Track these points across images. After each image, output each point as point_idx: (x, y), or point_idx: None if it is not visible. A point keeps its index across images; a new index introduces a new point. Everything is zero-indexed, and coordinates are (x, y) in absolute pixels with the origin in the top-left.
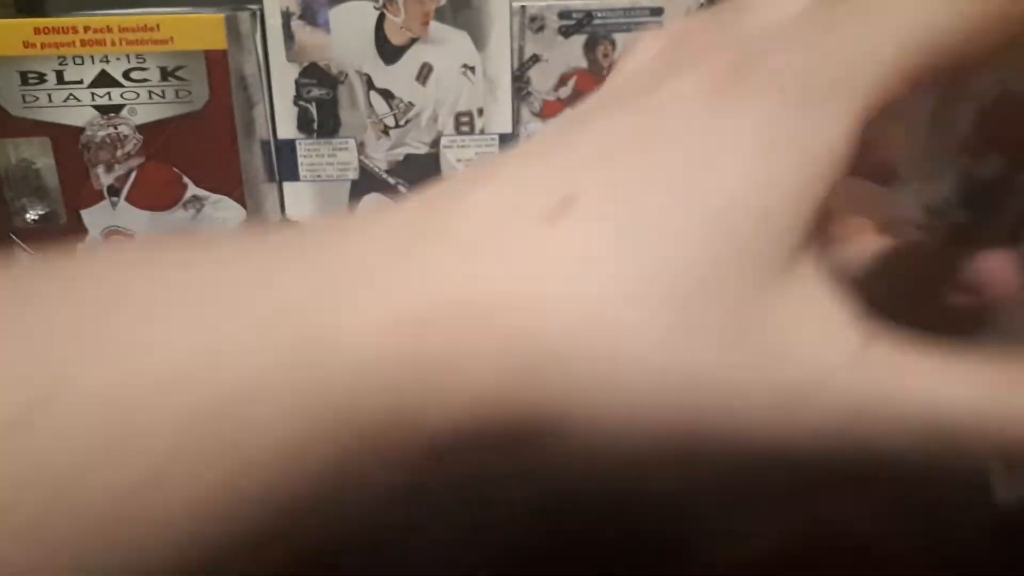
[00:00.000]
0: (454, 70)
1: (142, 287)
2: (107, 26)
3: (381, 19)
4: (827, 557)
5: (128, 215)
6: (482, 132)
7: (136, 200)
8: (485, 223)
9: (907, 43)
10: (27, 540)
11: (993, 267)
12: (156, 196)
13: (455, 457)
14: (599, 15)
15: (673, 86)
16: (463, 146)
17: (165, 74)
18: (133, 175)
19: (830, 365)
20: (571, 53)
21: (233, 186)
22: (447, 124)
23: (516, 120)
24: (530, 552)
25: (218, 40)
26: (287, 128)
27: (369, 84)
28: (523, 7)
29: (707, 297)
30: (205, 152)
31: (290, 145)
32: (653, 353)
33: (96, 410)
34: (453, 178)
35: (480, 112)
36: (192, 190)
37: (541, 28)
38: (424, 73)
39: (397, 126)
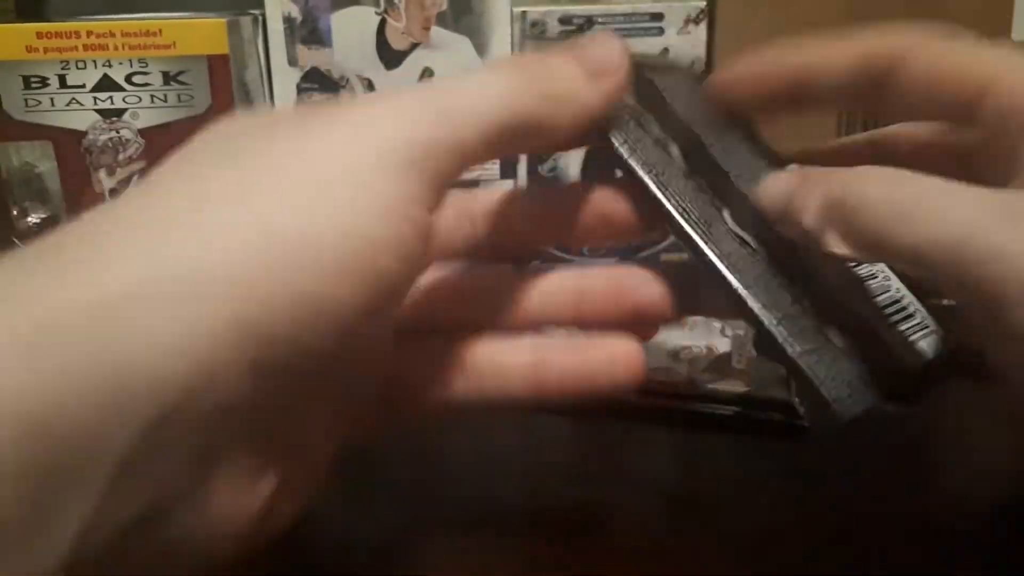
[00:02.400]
0: (455, 75)
1: None
2: (110, 31)
3: (382, 24)
4: None
5: None
6: None
7: None
8: None
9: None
10: None
11: None
12: None
13: None
14: (599, 20)
15: None
16: None
17: (167, 78)
18: (135, 179)
19: None
20: None
21: None
22: None
23: None
24: None
25: (220, 45)
26: None
27: (370, 89)
28: (524, 12)
29: None
30: None
31: None
32: None
33: None
34: None
35: None
36: None
37: (542, 33)
38: (425, 78)
39: None
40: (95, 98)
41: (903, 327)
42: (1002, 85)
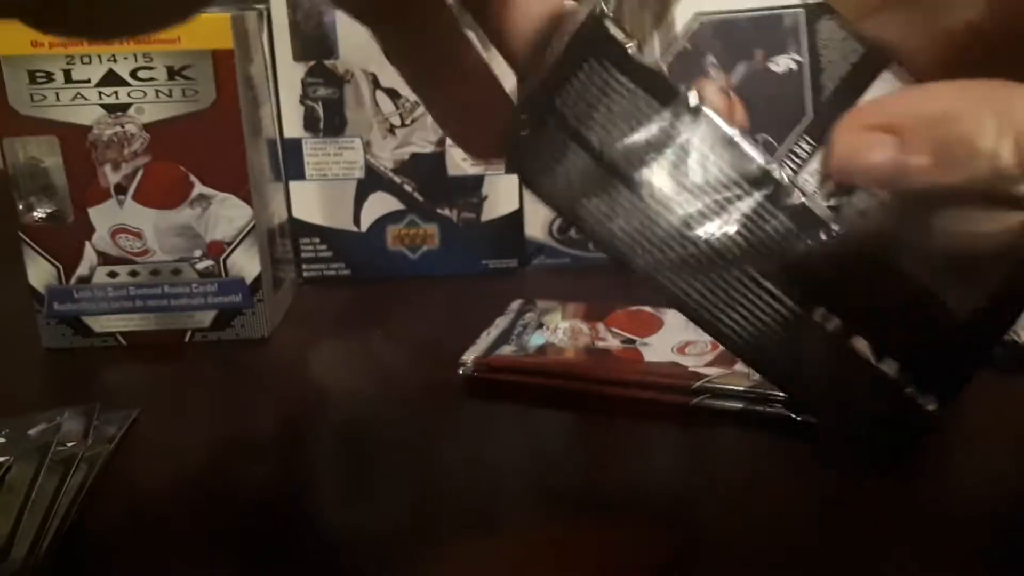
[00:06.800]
0: None
1: None
2: None
3: None
4: None
5: (135, 213)
6: None
7: (143, 198)
8: None
9: None
10: None
11: None
12: (163, 194)
13: None
14: None
15: None
16: None
17: (172, 73)
18: (140, 173)
19: None
20: None
21: (239, 185)
22: None
23: None
24: None
25: (225, 39)
26: (293, 127)
27: (375, 83)
28: None
29: None
30: (211, 151)
31: (296, 144)
32: None
33: None
34: None
35: None
36: (198, 188)
37: None
38: None
39: (403, 125)
40: (100, 93)
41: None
42: None
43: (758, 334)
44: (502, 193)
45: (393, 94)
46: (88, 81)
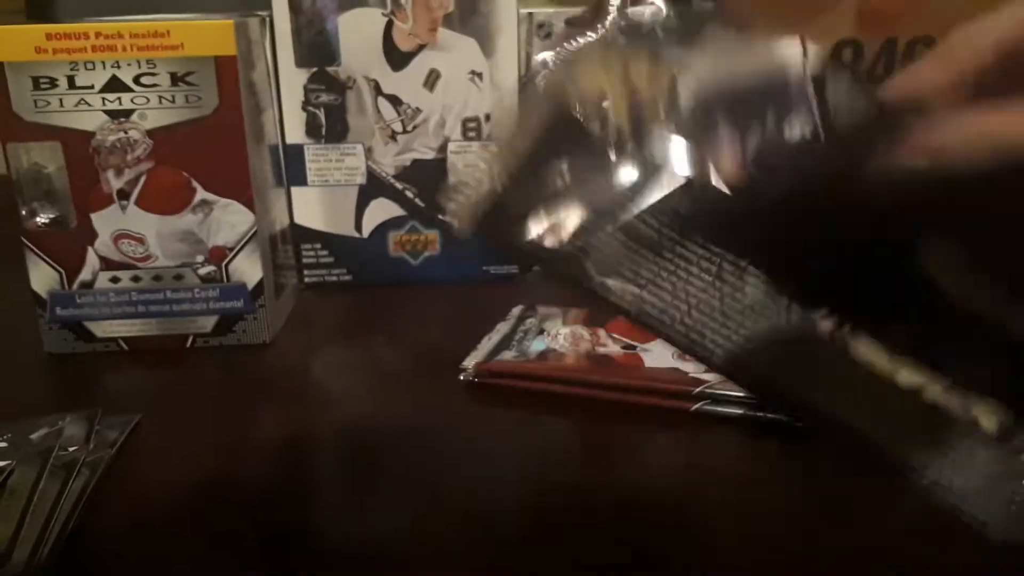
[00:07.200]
0: (462, 76)
1: None
2: (118, 32)
3: (389, 25)
4: None
5: (138, 219)
6: (489, 138)
7: (145, 204)
8: None
9: None
10: None
11: None
12: (165, 200)
13: None
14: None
15: None
16: (471, 151)
17: (175, 79)
18: (143, 179)
19: None
20: None
21: (242, 190)
22: (454, 130)
23: None
24: None
25: (228, 46)
26: (295, 133)
27: (377, 90)
28: (530, 14)
29: None
30: (214, 157)
31: (298, 150)
32: None
33: None
34: None
35: (487, 118)
36: (201, 194)
37: (548, 35)
38: (432, 79)
39: (405, 132)
40: (104, 99)
41: None
42: None
43: None
44: None
45: (395, 100)
46: (92, 87)
